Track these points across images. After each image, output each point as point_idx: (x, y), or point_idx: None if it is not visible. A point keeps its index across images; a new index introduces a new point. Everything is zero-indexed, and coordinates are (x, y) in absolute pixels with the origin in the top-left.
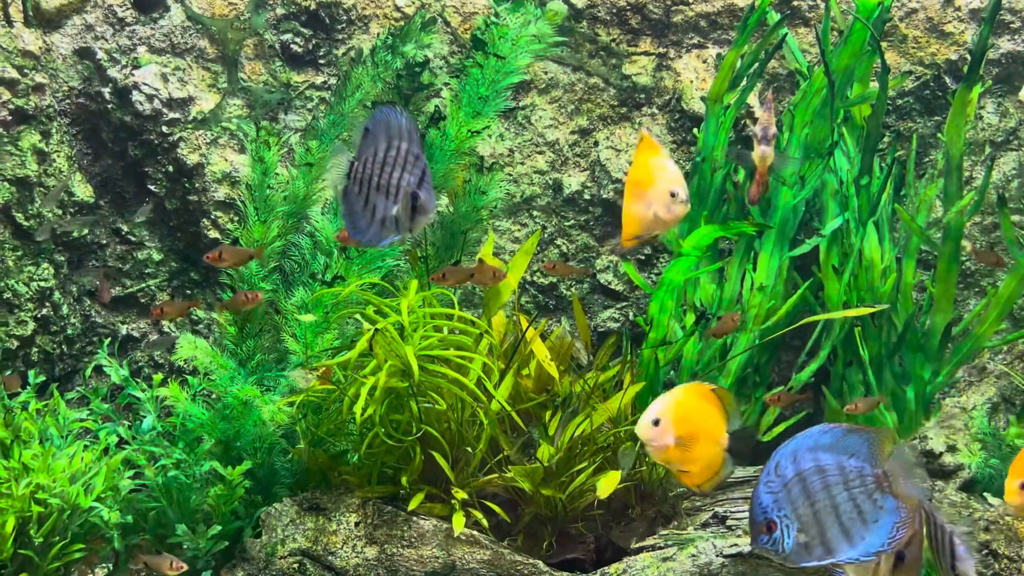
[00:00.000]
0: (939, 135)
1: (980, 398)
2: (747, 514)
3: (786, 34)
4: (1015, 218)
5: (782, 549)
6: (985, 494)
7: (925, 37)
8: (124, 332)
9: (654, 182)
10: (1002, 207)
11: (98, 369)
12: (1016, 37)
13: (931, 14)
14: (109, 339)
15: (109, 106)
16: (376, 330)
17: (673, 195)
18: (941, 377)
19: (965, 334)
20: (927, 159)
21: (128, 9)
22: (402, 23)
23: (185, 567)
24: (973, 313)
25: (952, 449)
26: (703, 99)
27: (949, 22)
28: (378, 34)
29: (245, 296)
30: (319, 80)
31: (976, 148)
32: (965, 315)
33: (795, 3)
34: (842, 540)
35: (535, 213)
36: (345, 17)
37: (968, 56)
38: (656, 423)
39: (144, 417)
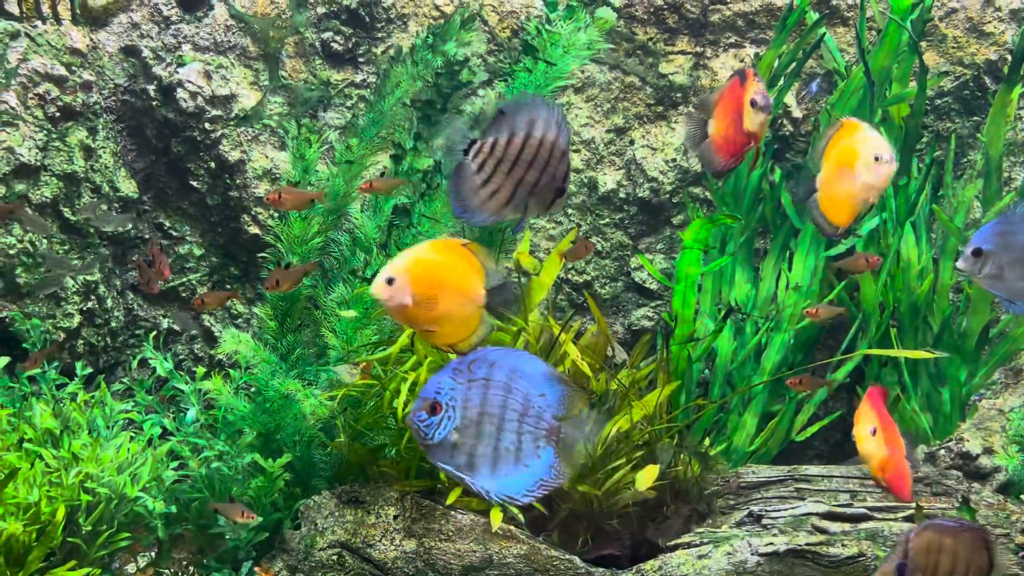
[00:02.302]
0: (978, 135)
1: (1017, 400)
2: (783, 514)
3: (824, 34)
4: None
5: (431, 435)
6: (1022, 496)
7: (965, 37)
8: (166, 325)
9: (858, 155)
10: None
11: (142, 361)
12: None
13: (971, 14)
14: (154, 332)
15: (154, 103)
16: None
17: (877, 158)
18: (977, 379)
19: (1002, 336)
20: (965, 160)
21: (173, 8)
22: (441, 21)
23: (255, 517)
24: (1010, 315)
25: (989, 451)
26: None
27: (989, 22)
28: (417, 32)
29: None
30: (359, 78)
31: (1016, 149)
32: (1002, 317)
33: (834, 2)
34: (487, 464)
35: (570, 211)
36: (384, 16)
37: (1008, 56)
38: (390, 282)
39: (188, 409)
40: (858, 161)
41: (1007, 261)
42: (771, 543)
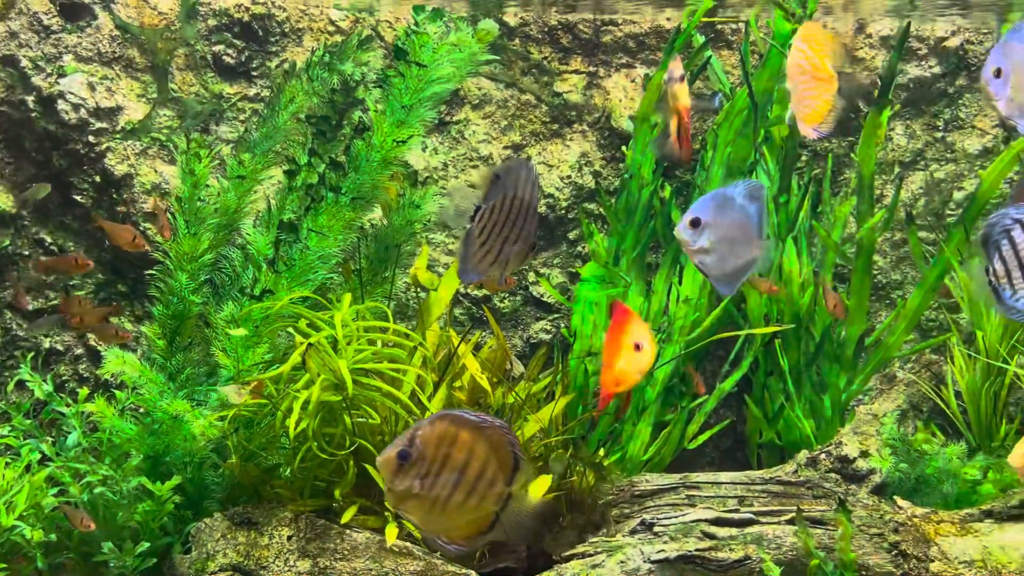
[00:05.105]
0: (853, 155)
1: (891, 405)
2: (674, 521)
3: (710, 56)
4: (922, 234)
5: None
6: (895, 497)
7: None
8: (47, 346)
9: None
10: (910, 224)
11: (20, 384)
12: (923, 63)
13: (845, 40)
14: (32, 353)
15: (33, 115)
16: (309, 344)
17: None
18: (855, 385)
19: (877, 344)
20: (842, 177)
21: (54, 17)
22: (336, 37)
23: (92, 526)
24: (884, 324)
25: (865, 454)
26: (631, 118)
27: (861, 48)
28: (313, 49)
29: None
30: (252, 92)
31: (886, 168)
32: (877, 326)
33: (719, 27)
34: None
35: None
36: (279, 30)
37: (879, 80)
38: None
39: (69, 433)
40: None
41: (720, 235)
42: (662, 550)
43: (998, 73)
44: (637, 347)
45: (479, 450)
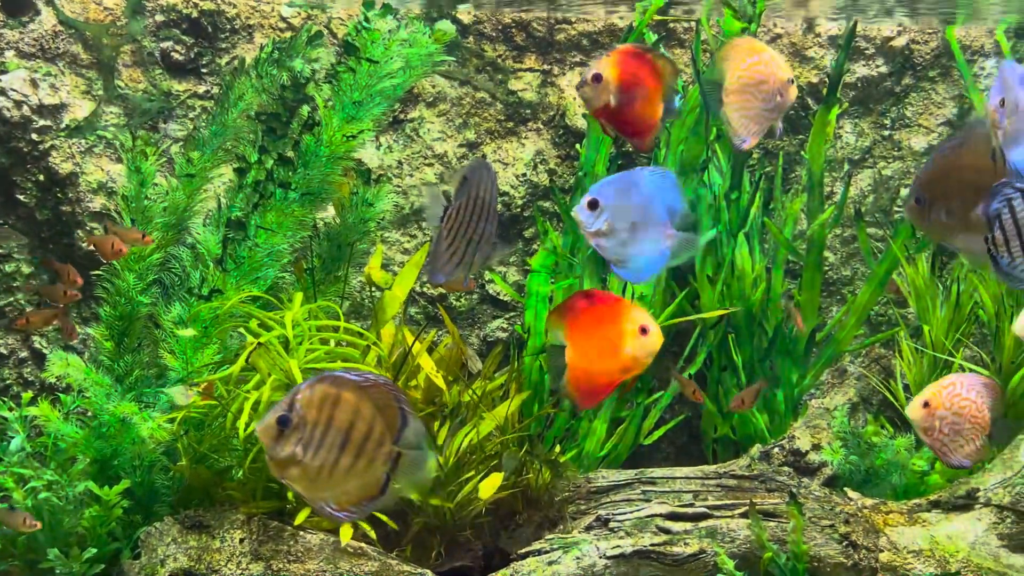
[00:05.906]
0: (803, 153)
1: (842, 399)
2: (629, 516)
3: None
4: (870, 230)
5: None
6: (845, 489)
7: (789, 61)
8: None
9: None
10: (859, 220)
11: None
12: (870, 63)
13: (794, 39)
14: None
15: None
16: (258, 344)
17: None
18: (807, 380)
19: (828, 339)
20: (793, 175)
21: None
22: (288, 33)
23: (38, 525)
24: (835, 319)
25: (816, 448)
26: (584, 116)
27: (810, 47)
28: (262, 45)
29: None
30: (201, 89)
31: (836, 165)
32: (828, 321)
33: (671, 25)
34: None
35: (424, 224)
36: (228, 26)
37: (827, 79)
38: None
39: (12, 438)
40: None
41: (620, 219)
42: (618, 546)
43: (1003, 103)
44: (643, 330)
45: (364, 410)
